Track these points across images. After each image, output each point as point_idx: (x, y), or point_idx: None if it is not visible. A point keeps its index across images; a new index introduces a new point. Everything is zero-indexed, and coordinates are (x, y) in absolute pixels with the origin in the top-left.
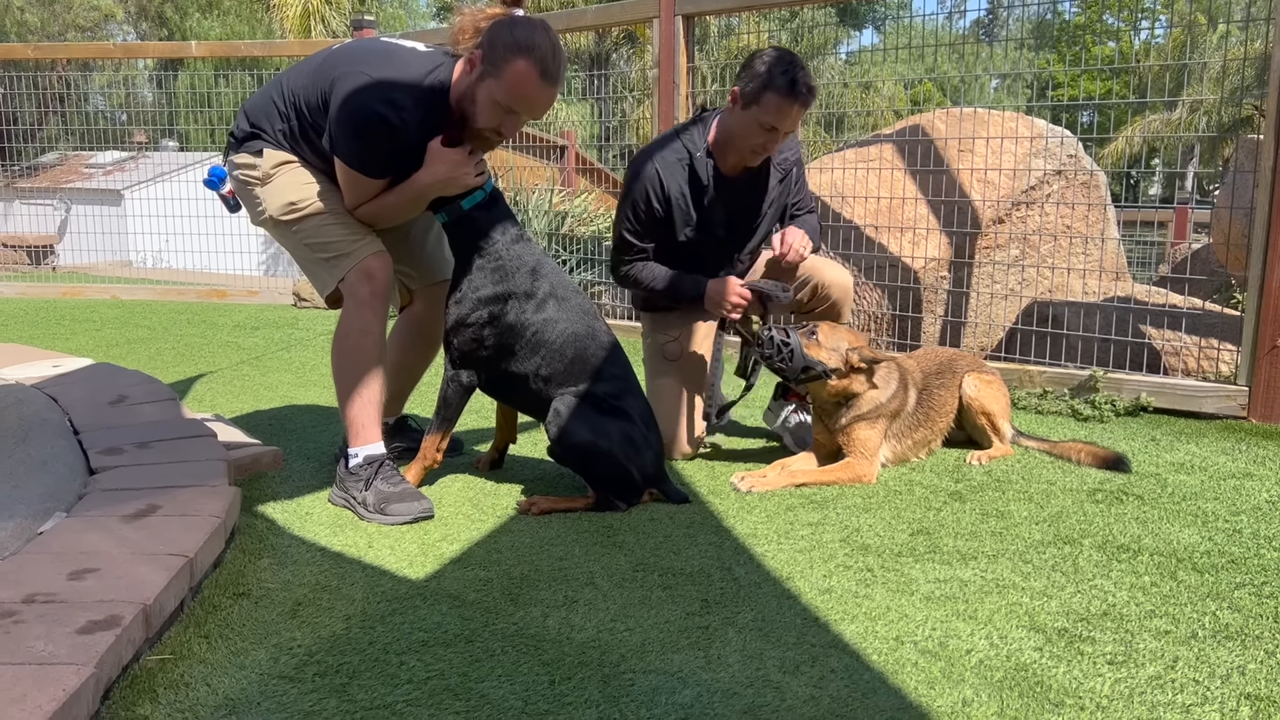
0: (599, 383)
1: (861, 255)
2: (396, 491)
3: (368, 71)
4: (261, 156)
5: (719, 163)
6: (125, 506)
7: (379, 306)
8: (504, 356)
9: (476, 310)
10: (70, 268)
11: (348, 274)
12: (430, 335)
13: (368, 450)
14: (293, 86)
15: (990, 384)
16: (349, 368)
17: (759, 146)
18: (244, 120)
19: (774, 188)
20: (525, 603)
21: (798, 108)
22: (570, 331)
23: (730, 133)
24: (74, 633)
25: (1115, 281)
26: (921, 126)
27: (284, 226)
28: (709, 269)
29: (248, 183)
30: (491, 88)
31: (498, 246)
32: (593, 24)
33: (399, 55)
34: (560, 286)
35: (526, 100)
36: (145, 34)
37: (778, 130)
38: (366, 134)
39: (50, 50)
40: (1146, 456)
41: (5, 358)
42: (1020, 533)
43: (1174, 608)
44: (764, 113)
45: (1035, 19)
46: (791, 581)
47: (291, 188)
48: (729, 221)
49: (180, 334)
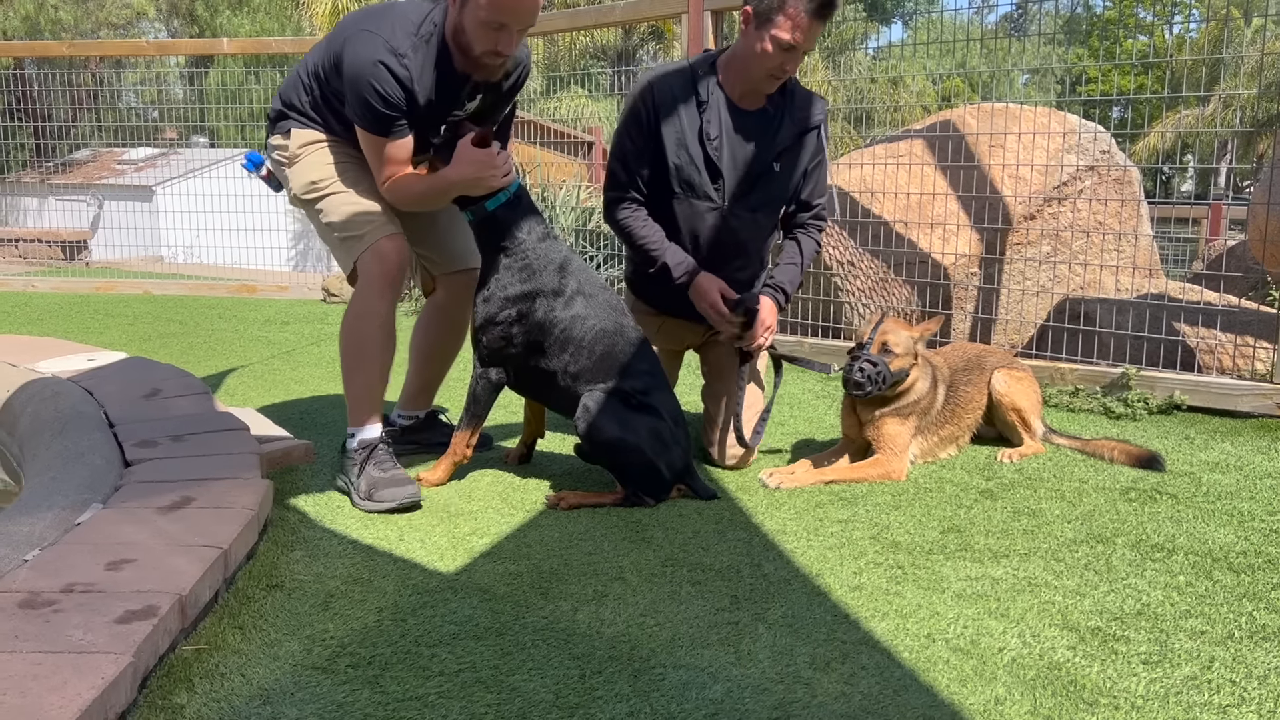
0: (627, 379)
1: (891, 251)
2: (385, 477)
3: (367, 28)
4: (289, 137)
5: (729, 89)
6: (160, 498)
7: (388, 290)
8: (533, 354)
9: (505, 309)
10: (103, 263)
11: (362, 254)
12: (456, 322)
13: (363, 434)
14: (314, 58)
15: (1020, 380)
16: (352, 348)
17: (776, 69)
18: (277, 100)
19: (788, 138)
20: (555, 596)
21: (817, 22)
22: (599, 328)
23: (742, 57)
24: (112, 622)
25: (1148, 278)
26: (952, 122)
27: (308, 205)
28: (697, 214)
29: (280, 163)
30: (474, 9)
31: (524, 245)
32: (621, 19)
33: (395, 9)
34: (588, 283)
35: (509, 10)
36: (176, 31)
37: (796, 49)
38: (373, 88)
39: (84, 48)
40: (1181, 455)
41: (41, 351)
42: (1052, 531)
43: (1210, 608)
44: (780, 29)
45: (1066, 13)
46: (821, 578)
47: (314, 167)
48: (729, 154)
49: (212, 328)
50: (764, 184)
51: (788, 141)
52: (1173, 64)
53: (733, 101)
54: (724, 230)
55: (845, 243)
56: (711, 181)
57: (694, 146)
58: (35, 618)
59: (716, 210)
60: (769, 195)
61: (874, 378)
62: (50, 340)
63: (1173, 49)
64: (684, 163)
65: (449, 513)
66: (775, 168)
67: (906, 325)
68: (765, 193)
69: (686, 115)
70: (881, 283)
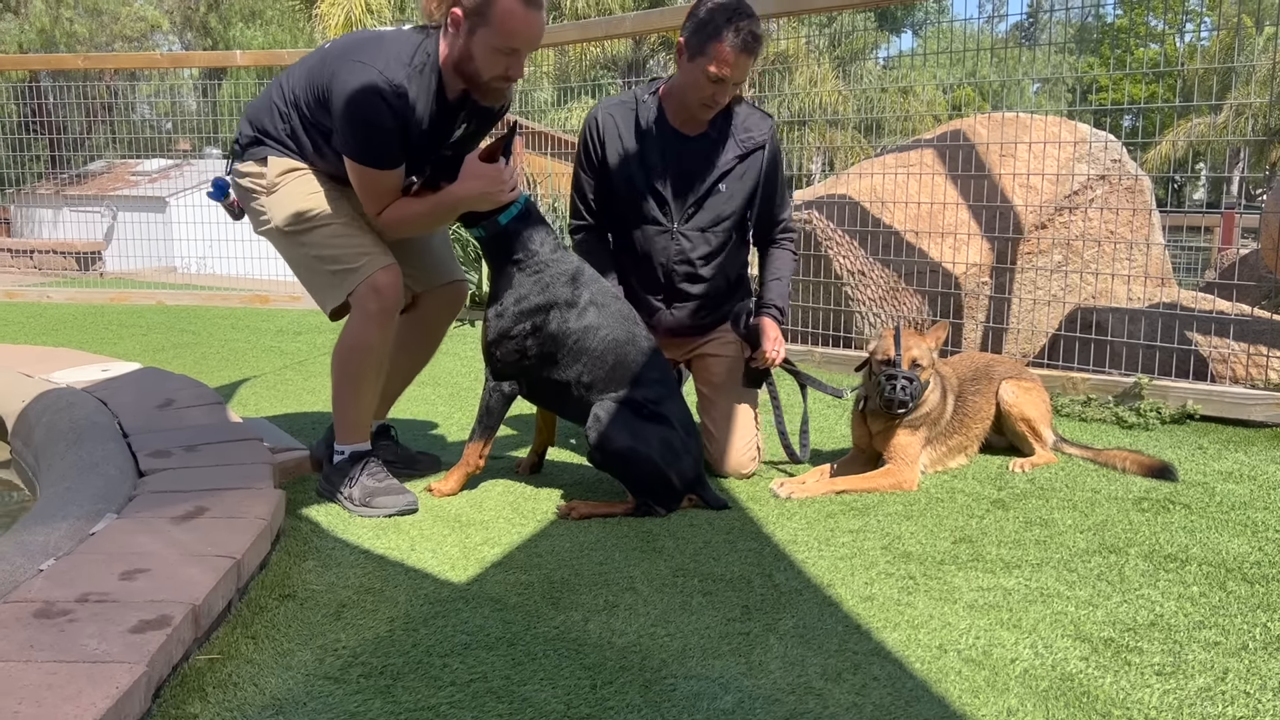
0: (639, 388)
1: (902, 261)
2: (382, 486)
3: (360, 59)
4: (267, 165)
5: (670, 116)
6: (174, 508)
7: (386, 322)
8: (546, 365)
9: (519, 323)
10: (117, 273)
11: (357, 288)
12: (434, 337)
13: (354, 447)
14: (292, 85)
15: (1029, 390)
16: (349, 376)
17: (708, 99)
18: (246, 125)
19: (730, 160)
20: (566, 607)
21: (744, 56)
22: (611, 338)
23: (679, 87)
24: (126, 632)
25: (1161, 287)
26: (963, 131)
27: (290, 237)
28: (649, 238)
29: (253, 191)
30: (485, 36)
31: (537, 257)
32: (632, 31)
33: (386, 38)
34: (600, 293)
35: (522, 34)
36: (190, 44)
37: (725, 81)
38: (368, 120)
39: (99, 60)
40: (1194, 465)
41: (56, 362)
42: (1065, 541)
43: (1224, 618)
44: (709, 62)
45: (1077, 22)
46: (833, 588)
47: (298, 198)
48: (672, 179)
49: (224, 339)
50: (711, 205)
51: (731, 163)
52: (1184, 72)
53: (675, 128)
54: (677, 251)
55: (856, 252)
56: (658, 206)
57: (638, 173)
58: (50, 627)
59: (667, 233)
60: (717, 215)
61: (915, 395)
62: (65, 351)
63: (1184, 57)
64: (631, 189)
65: (460, 522)
66: (721, 189)
67: (922, 335)
68: (713, 213)
69: (630, 144)
70: (892, 292)
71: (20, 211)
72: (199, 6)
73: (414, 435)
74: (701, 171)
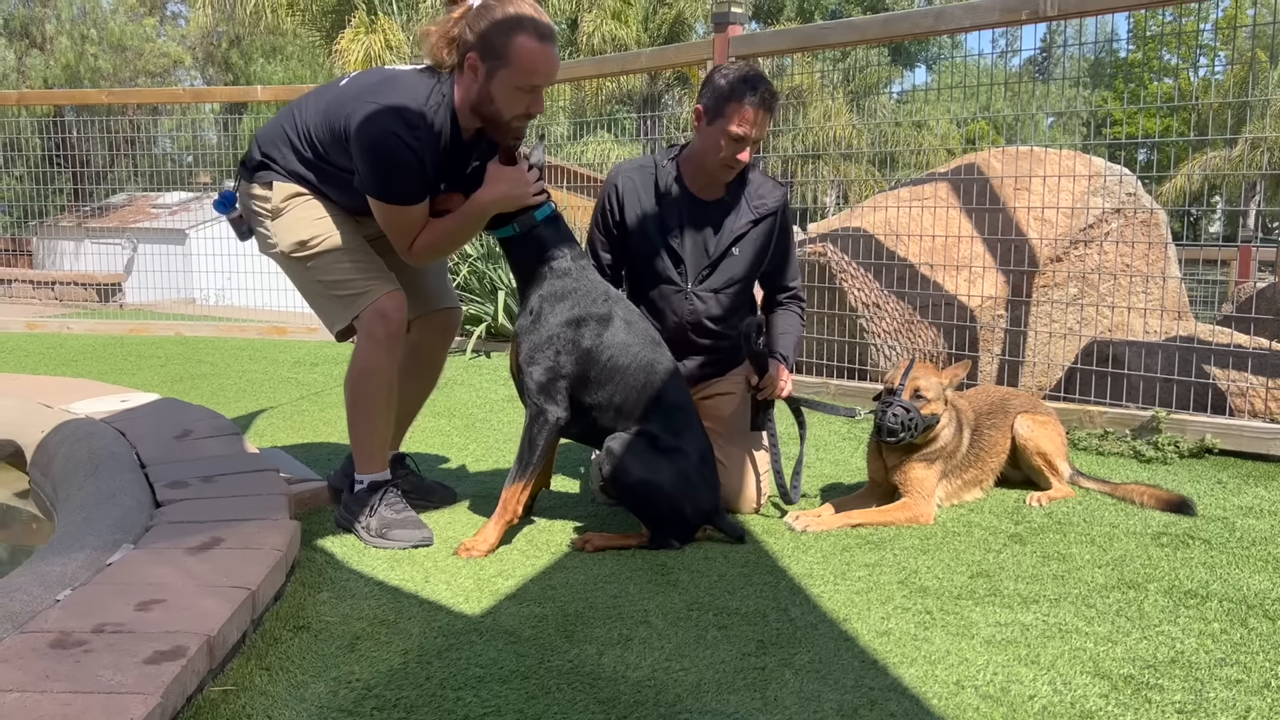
0: (662, 415)
1: (916, 293)
2: (399, 518)
3: (377, 100)
4: (272, 189)
5: (688, 181)
6: (190, 539)
7: (393, 345)
8: (578, 386)
9: (556, 332)
10: (137, 305)
11: (362, 312)
12: (432, 364)
13: (374, 476)
14: (305, 120)
15: (1044, 424)
16: (361, 403)
17: (729, 159)
18: (256, 149)
19: (744, 225)
20: (580, 640)
21: (761, 113)
22: (644, 358)
23: (699, 151)
24: (141, 662)
25: (1177, 321)
26: (977, 165)
27: (296, 262)
28: (665, 297)
29: (259, 214)
30: (505, 77)
31: (568, 265)
32: (647, 66)
33: (401, 79)
34: (629, 311)
35: (542, 70)
36: (211, 79)
37: (745, 139)
38: (390, 159)
39: (123, 95)
40: (1213, 500)
41: (75, 392)
42: (1083, 576)
43: (1245, 656)
44: (729, 122)
45: (1090, 57)
46: (849, 623)
47: (304, 223)
48: (688, 241)
49: (242, 370)
50: (724, 268)
51: (744, 228)
52: (1198, 107)
53: (692, 193)
54: (690, 310)
55: (870, 285)
56: (674, 266)
57: (655, 234)
58: (66, 658)
59: (681, 293)
60: (729, 277)
61: (907, 424)
62: (84, 381)
63: (1198, 91)
64: (648, 250)
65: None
66: (734, 252)
67: (936, 370)
68: (726, 275)
69: (648, 206)
70: (907, 325)
71: (42, 243)
72: (221, 42)
73: (429, 467)
74: (716, 235)
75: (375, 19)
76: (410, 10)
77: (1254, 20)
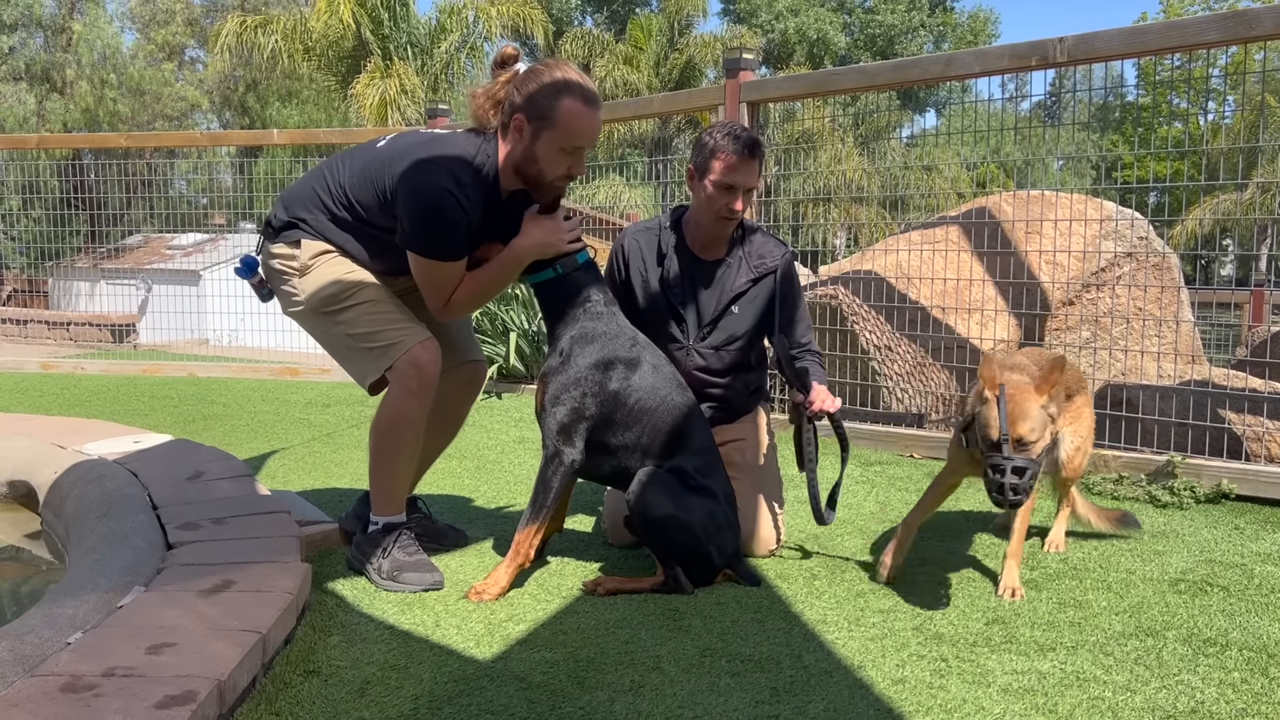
0: (688, 456)
1: (929, 336)
2: (411, 561)
3: (428, 157)
4: (300, 247)
5: (690, 242)
6: (202, 581)
7: (425, 396)
8: (601, 428)
9: (583, 375)
10: (150, 346)
11: (396, 362)
12: (452, 416)
13: (389, 519)
14: (341, 181)
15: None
16: (387, 451)
17: (724, 210)
18: (282, 210)
19: (744, 283)
20: (592, 686)
21: (747, 159)
22: (673, 402)
23: (696, 210)
24: (151, 707)
25: (1191, 364)
26: (988, 209)
27: (325, 317)
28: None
29: (284, 273)
30: (551, 138)
31: (601, 309)
32: (660, 111)
33: (449, 139)
34: (656, 355)
35: (587, 133)
36: (228, 122)
37: (735, 188)
38: (439, 215)
39: (141, 139)
40: (1231, 546)
41: (88, 433)
42: (1100, 623)
43: (1267, 706)
44: (713, 173)
45: (1099, 101)
46: (863, 670)
47: (333, 277)
48: (690, 301)
49: (254, 411)
50: (724, 325)
51: (744, 286)
52: (1208, 151)
53: (693, 253)
54: (693, 365)
55: (882, 327)
56: (676, 324)
57: (658, 293)
58: (76, 702)
59: (683, 348)
60: (730, 335)
61: (1026, 488)
62: (97, 422)
63: (1208, 135)
64: (651, 307)
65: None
66: (734, 310)
67: (1032, 390)
68: (726, 333)
69: (651, 266)
70: (919, 367)
71: (58, 284)
72: (238, 87)
73: (440, 509)
74: (716, 293)
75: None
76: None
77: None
